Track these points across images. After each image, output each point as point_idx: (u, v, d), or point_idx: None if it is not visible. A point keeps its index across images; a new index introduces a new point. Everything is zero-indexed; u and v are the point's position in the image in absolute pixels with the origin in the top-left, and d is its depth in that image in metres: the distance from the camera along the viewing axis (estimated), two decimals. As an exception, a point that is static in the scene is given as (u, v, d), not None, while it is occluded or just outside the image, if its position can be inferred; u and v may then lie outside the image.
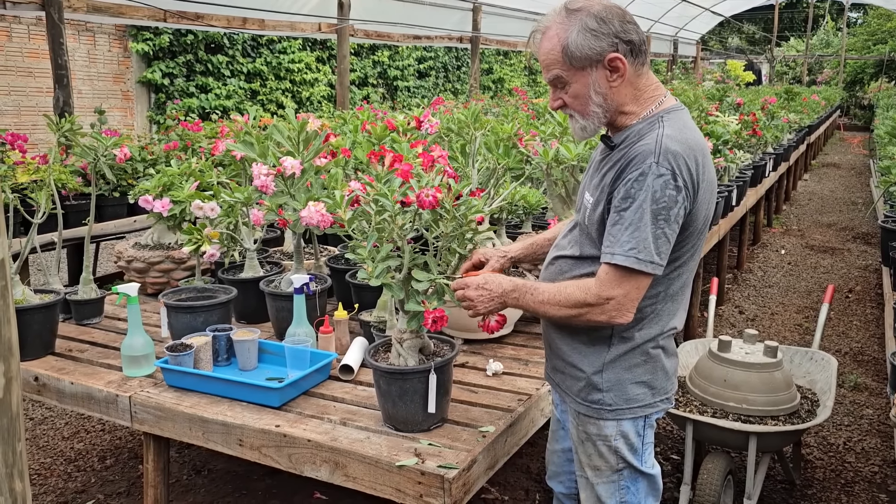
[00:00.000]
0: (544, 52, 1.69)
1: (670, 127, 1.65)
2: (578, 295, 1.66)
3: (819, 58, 29.07)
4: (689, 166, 1.60)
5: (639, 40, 1.67)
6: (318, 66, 13.39)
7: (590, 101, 1.69)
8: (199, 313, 2.50)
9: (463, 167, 2.77)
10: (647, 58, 1.71)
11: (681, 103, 1.78)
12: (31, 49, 9.42)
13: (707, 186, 1.67)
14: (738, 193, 5.38)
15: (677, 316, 1.80)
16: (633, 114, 1.72)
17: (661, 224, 1.59)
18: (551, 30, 1.67)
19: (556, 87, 1.73)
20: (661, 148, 1.60)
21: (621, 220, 1.62)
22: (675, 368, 1.86)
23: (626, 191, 1.62)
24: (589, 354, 1.77)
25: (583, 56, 1.64)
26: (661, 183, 1.58)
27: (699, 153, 1.65)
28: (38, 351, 2.48)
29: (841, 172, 14.23)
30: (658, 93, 1.74)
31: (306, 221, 2.13)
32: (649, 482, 1.85)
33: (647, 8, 15.06)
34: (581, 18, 1.64)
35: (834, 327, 5.37)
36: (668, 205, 1.59)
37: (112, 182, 4.44)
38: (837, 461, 3.43)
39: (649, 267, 1.60)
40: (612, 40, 1.63)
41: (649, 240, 1.59)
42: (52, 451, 3.46)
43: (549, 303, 1.70)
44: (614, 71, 1.66)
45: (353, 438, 1.89)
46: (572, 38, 1.63)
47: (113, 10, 5.94)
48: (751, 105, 7.87)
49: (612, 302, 1.63)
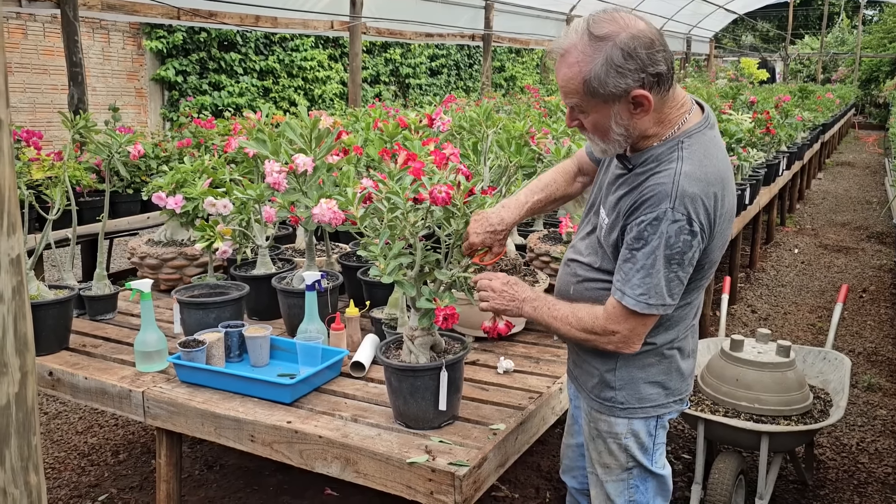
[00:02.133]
0: (563, 79, 1.58)
1: (689, 159, 1.57)
2: (588, 322, 1.68)
3: (834, 56, 28.82)
4: (706, 207, 1.55)
5: (666, 69, 1.55)
6: (331, 63, 13.41)
7: (611, 131, 1.61)
8: (211, 310, 2.51)
9: (475, 165, 2.77)
10: (673, 80, 1.61)
11: (708, 115, 1.67)
12: (46, 47, 9.49)
13: (725, 216, 1.62)
14: (752, 192, 5.34)
15: (693, 316, 1.80)
16: (654, 136, 1.64)
17: (674, 268, 1.57)
18: (571, 55, 1.55)
19: (574, 111, 1.64)
20: (678, 190, 1.53)
21: (633, 259, 1.59)
22: (692, 369, 1.84)
23: (639, 232, 1.57)
24: (603, 352, 1.76)
25: (606, 93, 1.54)
26: (675, 229, 1.54)
27: (718, 188, 1.57)
28: (52, 346, 2.50)
29: (855, 171, 14.12)
30: (682, 111, 1.64)
31: (318, 219, 2.13)
32: (659, 483, 1.84)
33: (660, 5, 14.97)
34: (606, 50, 1.51)
35: (847, 327, 5.32)
36: (683, 250, 1.55)
37: (126, 179, 4.46)
38: (850, 462, 3.41)
39: (660, 309, 1.61)
40: (638, 76, 1.52)
41: (661, 284, 1.57)
42: (66, 445, 3.49)
43: (562, 321, 1.72)
44: (638, 105, 1.57)
45: (364, 435, 1.90)
46: (595, 73, 1.52)
47: (127, 8, 5.98)
48: (764, 103, 7.82)
49: (617, 335, 1.65)
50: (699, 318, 1.84)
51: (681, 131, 1.63)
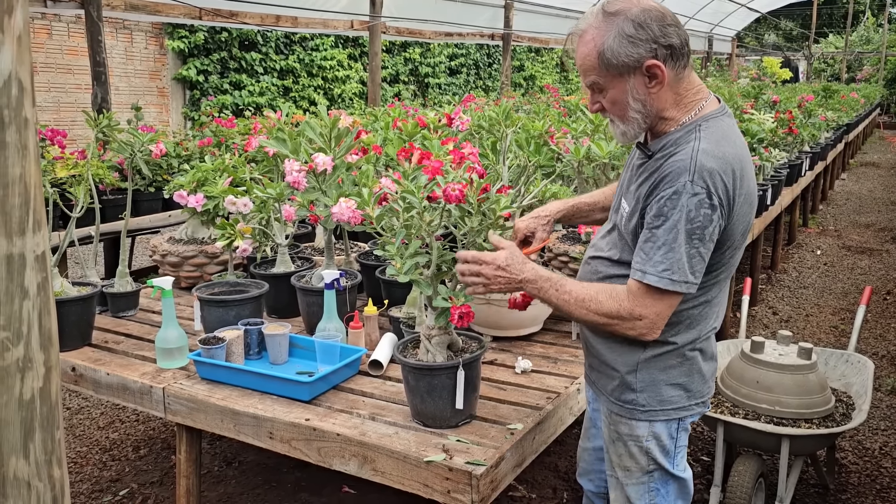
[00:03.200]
0: (581, 57, 1.64)
1: (707, 139, 1.59)
2: (611, 305, 1.63)
3: (859, 55, 28.43)
4: (725, 182, 1.55)
5: (679, 43, 1.59)
6: (350, 63, 13.46)
7: (628, 108, 1.64)
8: (231, 307, 2.53)
9: (494, 164, 2.77)
10: (688, 59, 1.64)
11: (724, 106, 1.70)
12: (71, 47, 9.62)
13: (745, 199, 1.61)
14: (773, 192, 5.29)
15: (717, 317, 1.78)
16: (672, 119, 1.66)
17: (695, 244, 1.56)
18: (588, 34, 1.62)
19: (594, 92, 1.68)
20: (697, 165, 1.55)
21: (653, 237, 1.58)
22: (713, 371, 1.82)
23: (659, 208, 1.58)
24: (624, 353, 1.75)
25: (620, 63, 1.58)
26: (696, 202, 1.54)
27: (737, 166, 1.58)
28: (75, 342, 2.54)
29: (880, 172, 13.91)
30: (699, 96, 1.67)
31: (337, 217, 2.15)
32: (680, 486, 1.83)
33: (681, 4, 14.86)
34: (618, 23, 1.57)
35: (871, 330, 5.25)
36: (704, 224, 1.54)
37: (148, 177, 4.51)
38: (873, 466, 3.36)
39: (683, 287, 1.58)
40: (650, 46, 1.57)
41: (683, 260, 1.56)
42: (87, 440, 3.54)
43: (577, 303, 1.66)
44: (653, 77, 1.60)
45: (381, 433, 1.91)
46: (609, 45, 1.58)
47: (150, 8, 6.04)
48: (787, 103, 7.73)
49: (644, 321, 1.61)
50: (721, 321, 1.82)
51: (699, 116, 1.65)
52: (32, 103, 0.82)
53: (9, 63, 0.78)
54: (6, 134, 0.78)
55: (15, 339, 0.81)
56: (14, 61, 0.78)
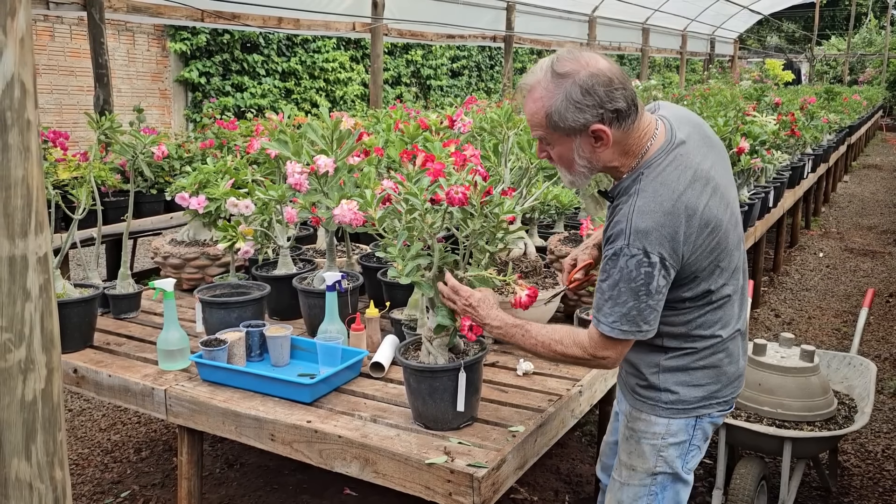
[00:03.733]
0: (529, 114, 1.68)
1: (643, 193, 1.61)
2: (575, 351, 1.71)
3: (861, 57, 28.42)
4: (662, 236, 1.57)
5: (626, 106, 1.61)
6: (352, 65, 13.47)
7: (574, 163, 1.70)
8: (233, 309, 2.54)
9: (495, 166, 2.77)
10: (636, 115, 1.64)
11: (670, 138, 1.68)
12: (73, 49, 9.63)
13: (700, 230, 1.60)
14: (776, 195, 5.29)
15: (735, 318, 1.79)
16: (622, 166, 1.70)
17: (642, 298, 1.60)
18: (536, 91, 1.65)
19: (542, 143, 1.73)
20: (632, 227, 1.58)
21: (601, 289, 1.65)
22: (740, 372, 1.84)
23: (603, 265, 1.65)
24: (645, 357, 1.80)
25: (566, 126, 1.62)
26: (634, 263, 1.58)
27: (678, 212, 1.58)
28: (77, 343, 2.54)
29: (882, 174, 13.90)
30: (645, 140, 1.67)
31: (339, 219, 2.15)
32: (676, 495, 1.84)
33: (683, 6, 14.87)
34: (566, 87, 1.59)
35: (873, 332, 5.24)
36: (646, 280, 1.59)
37: (150, 179, 4.52)
38: (875, 469, 3.36)
39: (635, 335, 1.64)
40: (596, 111, 1.60)
41: (632, 314, 1.61)
42: (89, 442, 3.54)
43: (544, 347, 1.74)
44: (598, 139, 1.64)
45: (383, 435, 1.90)
46: (556, 108, 1.61)
47: (152, 10, 6.05)
48: (789, 105, 7.73)
49: (608, 360, 1.70)
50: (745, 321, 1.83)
51: (643, 161, 1.68)
52: (35, 105, 0.82)
53: (11, 65, 0.78)
54: (9, 136, 0.78)
55: (17, 341, 0.81)
56: (17, 63, 0.79)
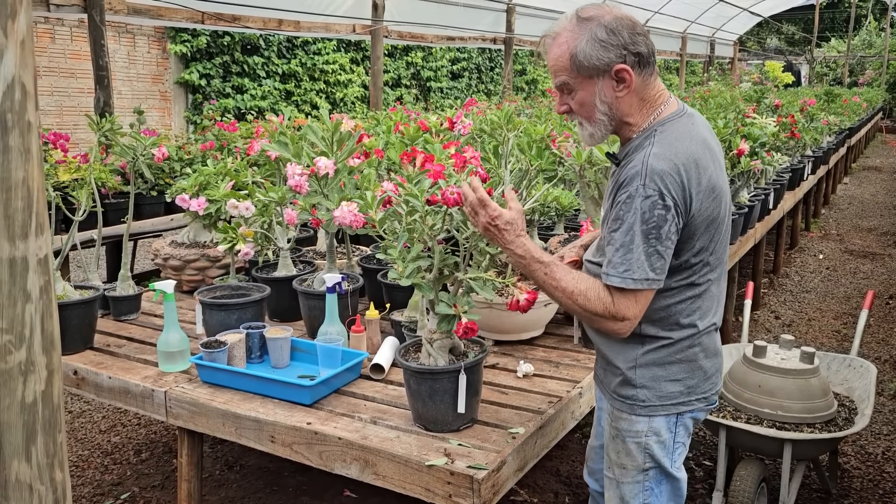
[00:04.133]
0: (553, 59, 1.71)
1: (660, 143, 1.65)
2: (597, 307, 1.68)
3: (861, 59, 28.44)
4: (677, 181, 1.61)
5: (647, 52, 1.68)
6: (352, 67, 13.48)
7: (595, 109, 1.71)
8: (233, 311, 2.54)
9: (495, 168, 2.77)
10: (654, 68, 1.72)
11: (683, 107, 1.77)
12: (73, 50, 9.64)
13: (707, 192, 1.65)
14: (776, 197, 5.29)
15: (713, 313, 1.79)
16: (635, 125, 1.73)
17: (652, 242, 1.61)
18: (561, 36, 1.69)
19: (563, 93, 1.75)
20: (647, 169, 1.61)
21: (612, 241, 1.66)
22: (718, 368, 1.84)
23: (616, 213, 1.65)
24: (622, 351, 1.79)
25: (590, 65, 1.66)
26: (648, 204, 1.60)
27: (691, 163, 1.63)
28: (77, 345, 2.54)
29: (882, 176, 13.90)
30: (659, 101, 1.74)
31: (339, 221, 2.15)
32: (673, 487, 1.84)
33: (683, 8, 14.87)
34: (591, 28, 1.65)
35: (873, 334, 5.24)
36: (658, 223, 1.60)
37: (150, 181, 4.52)
38: (876, 471, 3.36)
39: (645, 284, 1.63)
40: (620, 52, 1.65)
41: (642, 259, 1.62)
42: (89, 443, 3.54)
43: (563, 292, 1.69)
44: (621, 82, 1.67)
45: (383, 437, 1.90)
46: (581, 48, 1.65)
47: (152, 13, 6.05)
48: (789, 107, 7.74)
49: (625, 321, 1.67)
50: (721, 318, 1.83)
51: (656, 121, 1.72)
52: (35, 107, 0.82)
53: (12, 67, 0.78)
54: (9, 138, 0.79)
55: (17, 343, 0.81)
56: (17, 65, 0.79)
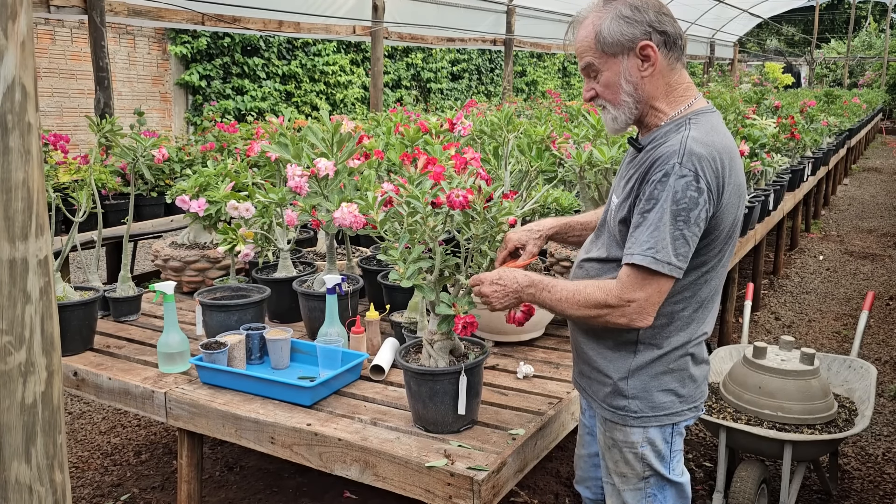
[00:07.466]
0: (579, 40, 1.72)
1: (697, 129, 1.64)
2: (599, 296, 1.63)
3: (861, 60, 28.45)
4: (713, 167, 1.58)
5: (674, 33, 1.67)
6: (353, 68, 13.49)
7: (620, 90, 1.69)
8: (233, 312, 2.54)
9: (495, 169, 2.77)
10: (681, 53, 1.70)
11: (713, 106, 1.76)
12: (74, 52, 9.64)
13: (734, 190, 1.64)
14: (776, 198, 5.28)
15: (707, 322, 1.77)
16: (662, 113, 1.71)
17: (679, 225, 1.57)
18: (588, 19, 1.71)
19: (589, 77, 1.75)
20: (685, 149, 1.59)
21: (644, 221, 1.61)
22: (705, 375, 1.82)
23: (650, 192, 1.61)
24: (615, 360, 1.75)
25: (614, 42, 1.65)
26: (682, 184, 1.56)
27: (726, 156, 1.62)
28: (77, 346, 2.54)
29: (882, 177, 13.90)
30: (689, 94, 1.73)
31: (339, 222, 2.15)
32: (677, 490, 1.82)
33: (683, 10, 14.88)
34: (616, 6, 1.66)
35: (874, 335, 5.24)
36: (689, 206, 1.56)
37: (150, 182, 4.52)
38: (876, 472, 3.35)
39: (666, 268, 1.57)
40: (645, 28, 1.64)
41: (667, 240, 1.57)
42: (89, 445, 3.54)
43: (567, 301, 1.68)
44: (646, 59, 1.66)
45: (383, 438, 1.90)
46: (605, 25, 1.66)
47: (153, 14, 6.05)
48: (789, 108, 7.74)
49: (633, 305, 1.60)
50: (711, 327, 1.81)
51: (689, 111, 1.71)
52: (35, 108, 0.82)
53: (12, 68, 0.78)
54: (10, 139, 0.79)
55: (17, 344, 0.81)
56: (18, 66, 0.79)
